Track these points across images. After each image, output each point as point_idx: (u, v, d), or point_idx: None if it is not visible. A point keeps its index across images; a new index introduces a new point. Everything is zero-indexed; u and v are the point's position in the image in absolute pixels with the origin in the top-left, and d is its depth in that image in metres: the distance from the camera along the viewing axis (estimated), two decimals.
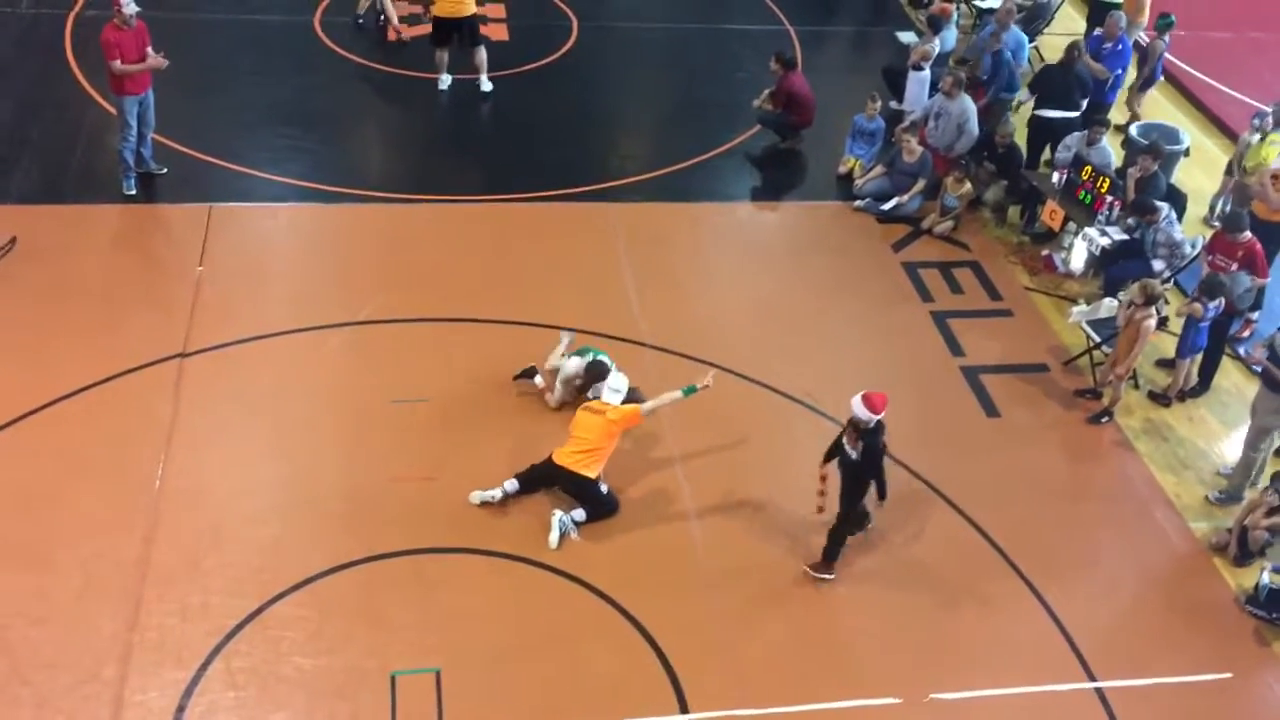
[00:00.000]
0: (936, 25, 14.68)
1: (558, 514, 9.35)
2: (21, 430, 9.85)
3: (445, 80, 14.97)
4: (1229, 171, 13.57)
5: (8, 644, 8.23)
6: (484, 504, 9.48)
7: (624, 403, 9.74)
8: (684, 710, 8.33)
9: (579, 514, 9.45)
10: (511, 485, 9.53)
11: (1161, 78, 15.43)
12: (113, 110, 13.78)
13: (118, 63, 12.27)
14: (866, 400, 8.80)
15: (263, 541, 9.15)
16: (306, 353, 10.95)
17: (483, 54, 14.88)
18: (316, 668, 8.32)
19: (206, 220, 12.36)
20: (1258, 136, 12.91)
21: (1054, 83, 13.99)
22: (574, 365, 10.40)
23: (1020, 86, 14.67)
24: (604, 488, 9.59)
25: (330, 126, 14.34)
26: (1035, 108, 14.14)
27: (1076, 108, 13.91)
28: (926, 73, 14.58)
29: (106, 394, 10.24)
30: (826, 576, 9.31)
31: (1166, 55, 15.09)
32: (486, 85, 14.98)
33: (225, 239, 12.18)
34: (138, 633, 8.40)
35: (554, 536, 9.25)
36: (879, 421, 8.84)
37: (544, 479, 9.58)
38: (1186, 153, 13.89)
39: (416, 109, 14.90)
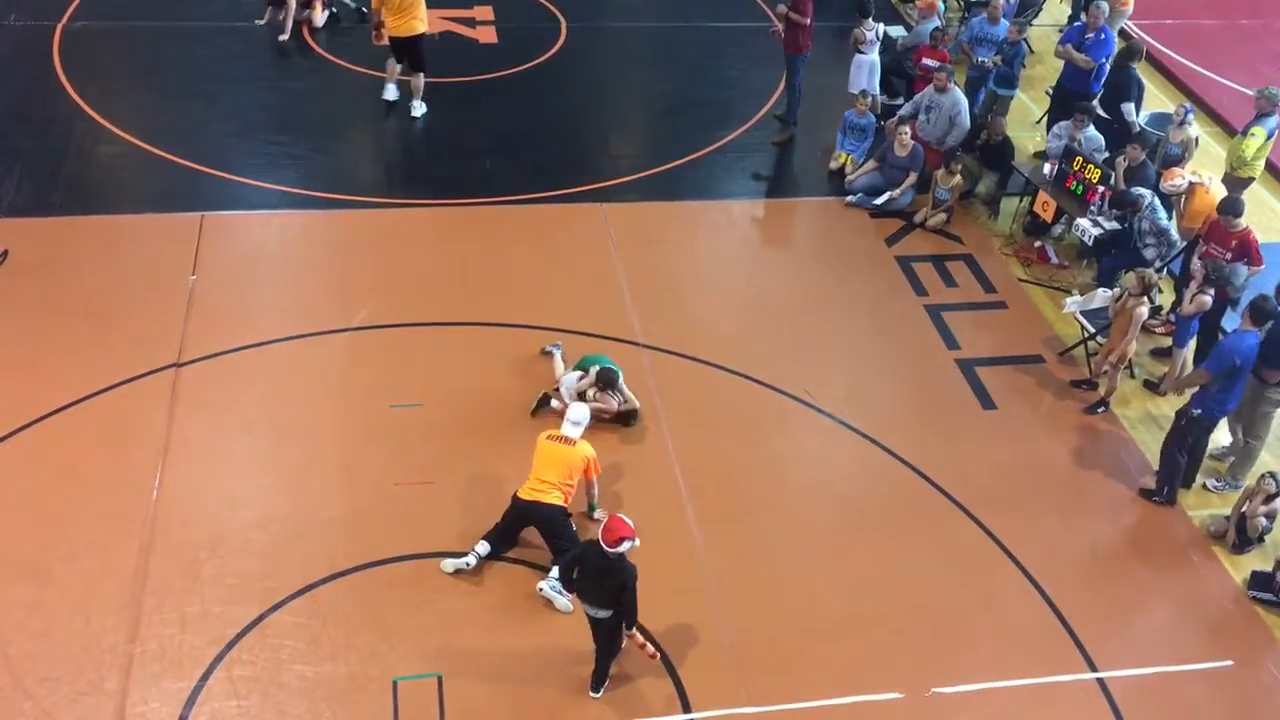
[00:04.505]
0: (865, 10, 14.63)
1: (543, 586, 8.90)
2: (17, 443, 9.83)
3: (391, 90, 14.57)
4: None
5: (8, 658, 8.22)
6: (458, 572, 9.02)
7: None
8: (687, 709, 8.34)
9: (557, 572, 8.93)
10: (483, 547, 9.07)
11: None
12: (104, 121, 13.85)
13: None
14: (608, 532, 7.84)
15: (262, 549, 9.14)
16: (302, 359, 10.93)
17: (420, 80, 14.50)
18: (318, 675, 8.32)
19: (199, 229, 12.34)
20: (1192, 130, 12.90)
21: (1109, 83, 13.90)
22: (578, 379, 10.39)
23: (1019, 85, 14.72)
24: (574, 526, 9.14)
25: (320, 132, 14.31)
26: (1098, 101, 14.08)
27: (1114, 110, 13.74)
28: (869, 56, 14.54)
29: (102, 405, 10.22)
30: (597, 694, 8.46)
31: (1154, 42, 15.05)
32: (418, 110, 14.57)
33: (218, 247, 12.16)
34: (138, 644, 8.39)
35: (564, 602, 8.79)
36: (624, 553, 7.89)
37: (514, 523, 9.12)
38: None
39: (406, 113, 14.87)
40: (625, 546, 7.85)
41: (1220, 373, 9.71)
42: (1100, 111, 13.75)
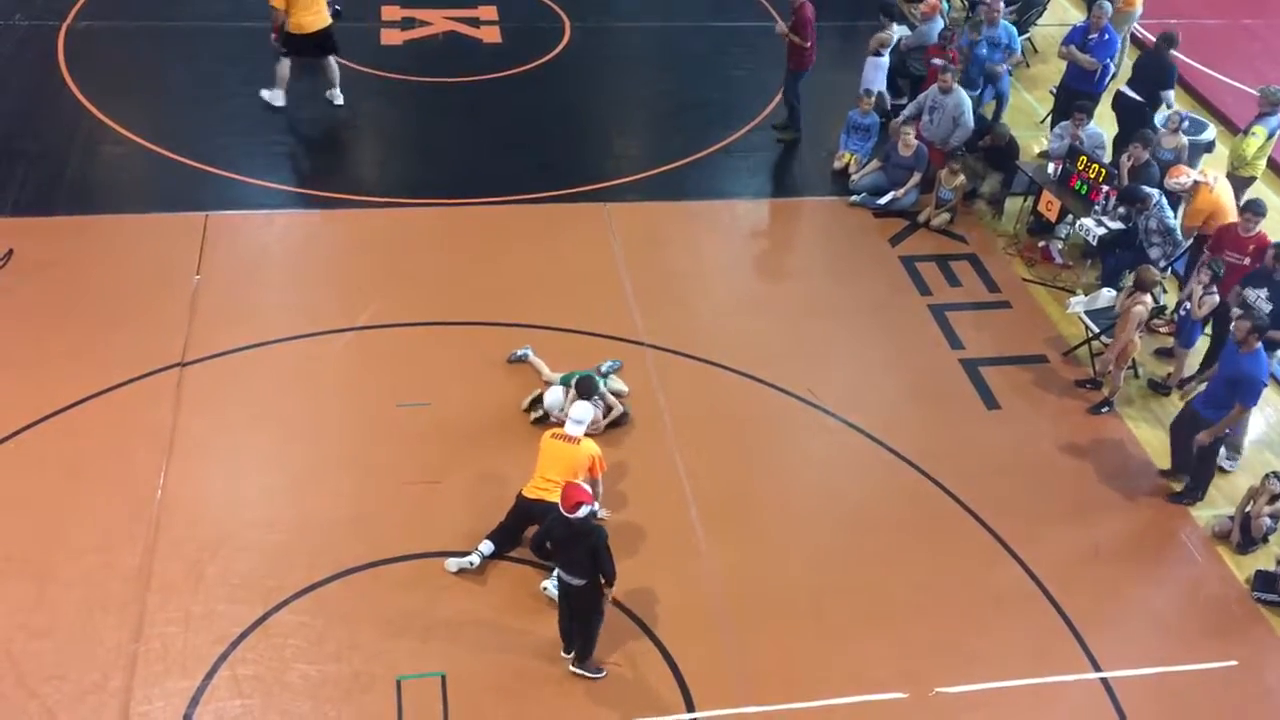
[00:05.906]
0: (890, 13, 14.70)
1: (546, 585, 8.91)
2: (22, 442, 9.85)
3: (281, 97, 14.24)
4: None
5: (13, 656, 8.24)
6: (461, 571, 9.02)
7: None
8: (691, 709, 8.34)
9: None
10: (487, 547, 9.08)
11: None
12: (108, 120, 13.85)
13: None
14: (565, 499, 7.94)
15: (266, 548, 9.15)
16: (306, 359, 10.94)
17: (335, 64, 14.36)
18: (322, 674, 8.33)
19: (203, 228, 12.36)
20: (1184, 139, 12.91)
21: (1145, 70, 14.00)
22: (564, 397, 10.22)
23: (1001, 87, 14.71)
24: None
25: (324, 132, 14.33)
26: (1128, 85, 14.12)
27: (1150, 95, 13.81)
28: (884, 59, 14.55)
29: (106, 405, 10.24)
30: (597, 675, 8.50)
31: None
32: (339, 99, 14.45)
33: (222, 247, 12.17)
34: (142, 643, 8.40)
35: None
36: (586, 517, 7.95)
37: (519, 521, 9.10)
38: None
39: (410, 113, 14.89)
40: (584, 511, 7.90)
41: (1257, 400, 9.91)
42: (1132, 94, 13.73)
